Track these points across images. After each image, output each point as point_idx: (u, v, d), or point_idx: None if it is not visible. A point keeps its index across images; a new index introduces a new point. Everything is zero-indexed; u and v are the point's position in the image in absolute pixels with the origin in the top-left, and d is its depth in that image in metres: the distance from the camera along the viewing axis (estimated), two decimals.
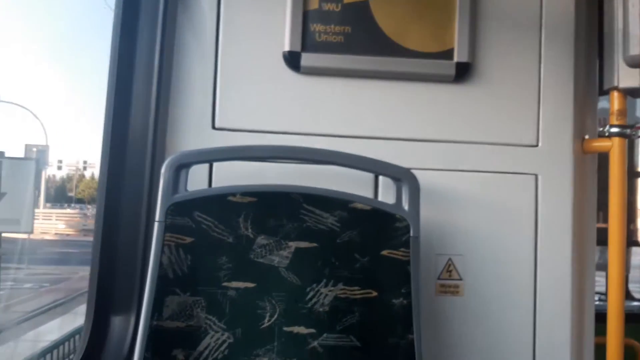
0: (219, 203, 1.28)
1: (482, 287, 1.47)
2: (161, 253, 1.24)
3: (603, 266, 1.66)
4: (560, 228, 1.49)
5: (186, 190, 1.29)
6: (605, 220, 1.53)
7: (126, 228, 1.39)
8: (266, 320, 1.24)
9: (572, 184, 1.50)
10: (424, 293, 1.32)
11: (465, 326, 1.46)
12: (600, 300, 1.96)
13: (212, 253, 1.25)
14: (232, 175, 1.39)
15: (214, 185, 1.41)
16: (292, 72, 1.47)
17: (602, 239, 1.58)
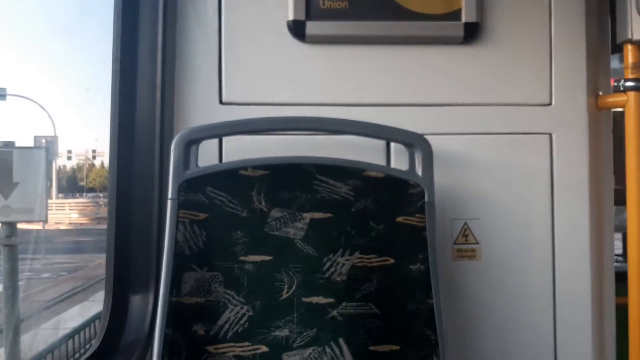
0: (231, 178, 1.27)
1: (499, 250, 1.46)
2: (176, 230, 1.24)
3: (618, 227, 1.64)
4: (577, 187, 1.47)
5: (197, 166, 1.28)
6: (619, 182, 1.51)
7: (139, 207, 1.39)
8: (284, 292, 1.24)
9: (587, 141, 1.48)
10: (441, 258, 1.31)
11: (484, 290, 1.45)
12: (617, 261, 1.94)
13: (227, 228, 1.25)
14: (242, 149, 1.38)
15: (224, 160, 1.41)
16: (297, 42, 1.44)
17: (617, 199, 1.56)
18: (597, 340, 1.48)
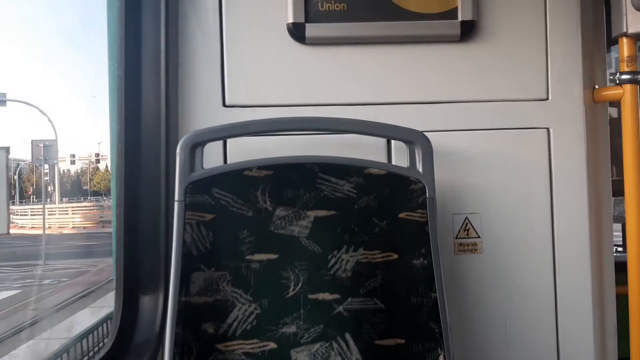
0: (236, 178, 1.29)
1: (500, 244, 1.48)
2: (183, 231, 1.26)
3: (617, 218, 1.66)
4: (575, 179, 1.50)
5: (202, 168, 1.31)
6: (618, 175, 1.53)
7: (147, 210, 1.41)
8: (291, 290, 1.26)
9: (584, 135, 1.50)
10: (443, 252, 1.33)
11: (486, 282, 1.48)
12: (616, 252, 1.97)
13: (233, 228, 1.27)
14: (246, 150, 1.41)
15: (229, 161, 1.43)
16: (297, 44, 1.47)
17: (615, 190, 1.58)
18: (598, 330, 1.51)
